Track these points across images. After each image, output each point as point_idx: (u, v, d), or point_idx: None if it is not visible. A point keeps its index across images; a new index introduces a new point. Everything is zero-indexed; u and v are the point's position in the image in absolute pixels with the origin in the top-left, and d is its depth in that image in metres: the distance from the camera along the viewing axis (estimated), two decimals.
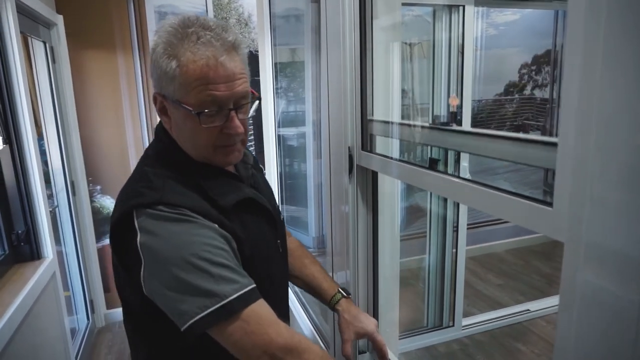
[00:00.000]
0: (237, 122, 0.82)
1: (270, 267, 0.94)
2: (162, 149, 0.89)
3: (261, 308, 0.77)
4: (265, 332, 0.76)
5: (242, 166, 0.95)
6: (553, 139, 0.55)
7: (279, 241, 0.98)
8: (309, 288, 1.13)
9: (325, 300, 1.11)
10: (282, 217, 1.06)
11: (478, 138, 0.79)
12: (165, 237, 0.75)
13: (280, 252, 0.99)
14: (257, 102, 0.87)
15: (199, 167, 0.86)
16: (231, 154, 0.86)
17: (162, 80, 0.80)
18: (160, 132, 0.90)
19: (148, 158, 0.89)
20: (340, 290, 1.10)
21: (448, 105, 2.38)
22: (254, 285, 0.77)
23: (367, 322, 1.07)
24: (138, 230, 0.76)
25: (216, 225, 0.79)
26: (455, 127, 0.86)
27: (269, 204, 0.95)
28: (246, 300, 0.75)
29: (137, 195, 0.79)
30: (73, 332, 2.62)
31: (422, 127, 0.94)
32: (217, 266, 0.74)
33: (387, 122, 1.19)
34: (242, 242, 0.83)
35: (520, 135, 0.64)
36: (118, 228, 0.79)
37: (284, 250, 1.02)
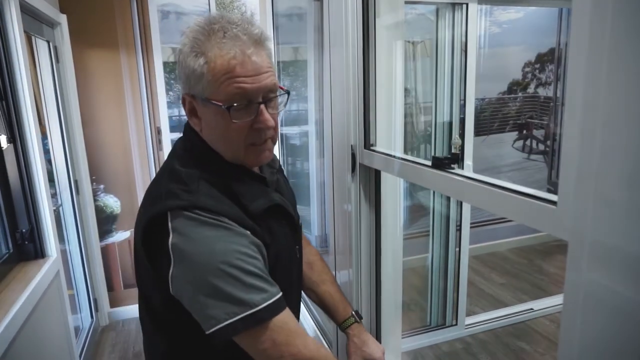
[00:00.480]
0: (267, 116, 0.81)
1: (290, 273, 0.95)
2: (192, 148, 0.87)
3: (288, 318, 0.79)
4: (293, 344, 0.77)
5: (268, 170, 0.95)
6: (554, 197, 0.55)
7: (297, 247, 0.99)
8: (324, 306, 1.14)
9: (337, 321, 1.12)
10: (300, 221, 1.06)
11: (477, 186, 0.73)
12: (199, 241, 0.75)
13: (298, 258, 1.00)
14: (286, 95, 0.87)
15: (230, 168, 0.86)
16: (262, 153, 0.86)
17: (191, 80, 0.80)
18: (190, 132, 0.89)
19: (178, 157, 0.87)
20: (353, 314, 1.11)
21: (450, 146, 2.37)
22: (281, 294, 0.78)
23: (376, 349, 1.08)
24: (171, 231, 0.76)
25: (249, 233, 0.79)
26: (456, 169, 0.84)
27: (293, 210, 0.96)
28: (274, 310, 0.76)
29: (173, 196, 0.79)
30: (77, 330, 2.63)
31: (421, 164, 0.93)
32: (248, 275, 0.75)
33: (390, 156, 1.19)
34: (269, 248, 0.84)
35: (522, 188, 0.63)
36: (152, 226, 0.78)
37: (300, 255, 1.02)
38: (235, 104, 0.78)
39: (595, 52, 0.44)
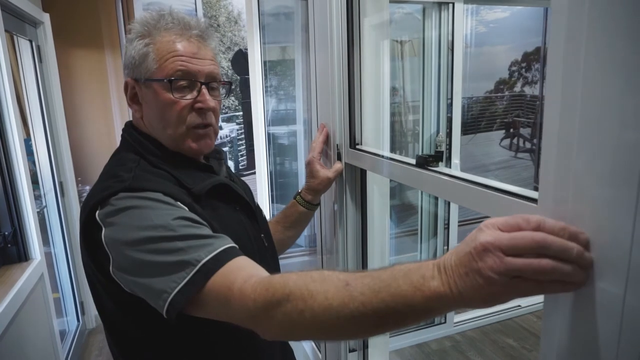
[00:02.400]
0: (209, 96, 0.83)
1: (256, 261, 0.91)
2: (130, 143, 0.86)
3: (244, 260, 0.70)
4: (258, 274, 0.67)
5: (216, 163, 0.94)
6: (534, 194, 0.54)
7: (262, 235, 0.96)
8: (293, 223, 1.17)
9: (292, 206, 1.16)
10: (263, 214, 1.05)
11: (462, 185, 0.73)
12: (125, 223, 0.71)
13: (266, 246, 0.96)
14: (228, 86, 0.92)
15: (172, 156, 0.85)
16: (203, 139, 0.86)
17: (135, 61, 0.82)
18: (128, 128, 0.89)
19: (115, 157, 0.87)
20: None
21: (436, 145, 2.38)
22: (233, 245, 0.71)
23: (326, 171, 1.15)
24: (102, 225, 0.72)
25: (186, 208, 0.75)
26: (440, 168, 0.83)
27: (244, 194, 0.93)
28: (223, 259, 0.67)
29: (102, 189, 0.76)
30: (63, 334, 2.59)
31: (406, 163, 0.93)
32: (183, 238, 0.69)
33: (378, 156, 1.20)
34: (216, 231, 0.78)
35: (505, 186, 0.63)
36: (86, 229, 0.76)
37: (270, 244, 0.99)
38: (176, 78, 0.80)
39: (573, 49, 0.44)
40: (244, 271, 0.66)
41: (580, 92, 0.44)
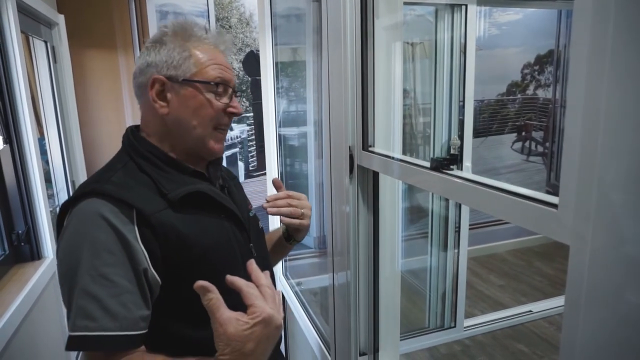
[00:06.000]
0: (238, 103, 0.93)
1: (238, 272, 0.85)
2: (125, 146, 0.92)
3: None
4: None
5: (213, 170, 0.97)
6: (554, 199, 0.53)
7: (251, 244, 0.96)
8: (275, 248, 1.19)
9: (277, 237, 1.19)
10: (258, 224, 1.07)
11: (475, 188, 0.71)
12: (66, 245, 0.77)
13: (255, 255, 0.95)
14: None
15: (164, 158, 0.88)
16: (221, 142, 0.93)
17: (173, 62, 0.86)
18: (125, 137, 0.93)
19: (111, 161, 0.92)
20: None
21: (449, 147, 2.37)
22: (140, 332, 0.75)
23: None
24: (65, 226, 0.81)
25: (136, 231, 0.77)
26: (455, 171, 0.82)
27: (232, 204, 0.93)
28: (125, 343, 0.73)
29: (80, 188, 0.83)
30: None
31: (420, 166, 0.92)
32: (110, 297, 0.73)
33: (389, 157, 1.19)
34: (184, 238, 0.80)
35: (522, 190, 0.62)
36: (59, 230, 0.83)
37: (260, 253, 0.99)
38: (219, 83, 0.89)
39: (597, 52, 0.43)
40: None
41: (605, 95, 0.43)
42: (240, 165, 8.70)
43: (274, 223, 2.21)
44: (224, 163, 1.08)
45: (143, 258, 0.76)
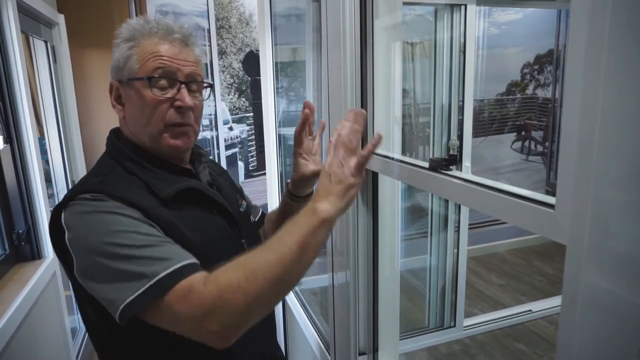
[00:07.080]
0: (187, 95, 0.86)
1: None
2: (110, 149, 0.91)
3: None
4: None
5: (199, 166, 0.97)
6: (551, 200, 0.53)
7: (243, 240, 0.96)
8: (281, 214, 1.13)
9: (287, 202, 1.12)
10: (251, 219, 1.06)
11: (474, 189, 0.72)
12: (86, 228, 0.74)
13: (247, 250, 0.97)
14: (208, 88, 0.94)
15: (149, 158, 0.87)
16: (180, 137, 0.88)
17: (119, 64, 0.86)
18: (108, 139, 0.94)
19: (96, 163, 0.91)
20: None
21: (448, 148, 2.37)
22: (193, 261, 0.73)
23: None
24: (65, 228, 0.76)
25: (140, 214, 0.77)
26: (454, 171, 0.83)
27: (222, 200, 0.93)
28: (179, 275, 0.69)
29: (70, 192, 0.80)
30: (74, 331, 2.62)
31: (418, 166, 0.92)
32: (141, 248, 0.71)
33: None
34: (183, 233, 0.80)
35: (520, 191, 0.62)
36: (52, 232, 0.80)
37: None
38: (156, 76, 0.84)
39: (594, 52, 0.44)
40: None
41: (602, 94, 0.43)
42: (240, 165, 8.70)
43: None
44: (224, 163, 1.08)
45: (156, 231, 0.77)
